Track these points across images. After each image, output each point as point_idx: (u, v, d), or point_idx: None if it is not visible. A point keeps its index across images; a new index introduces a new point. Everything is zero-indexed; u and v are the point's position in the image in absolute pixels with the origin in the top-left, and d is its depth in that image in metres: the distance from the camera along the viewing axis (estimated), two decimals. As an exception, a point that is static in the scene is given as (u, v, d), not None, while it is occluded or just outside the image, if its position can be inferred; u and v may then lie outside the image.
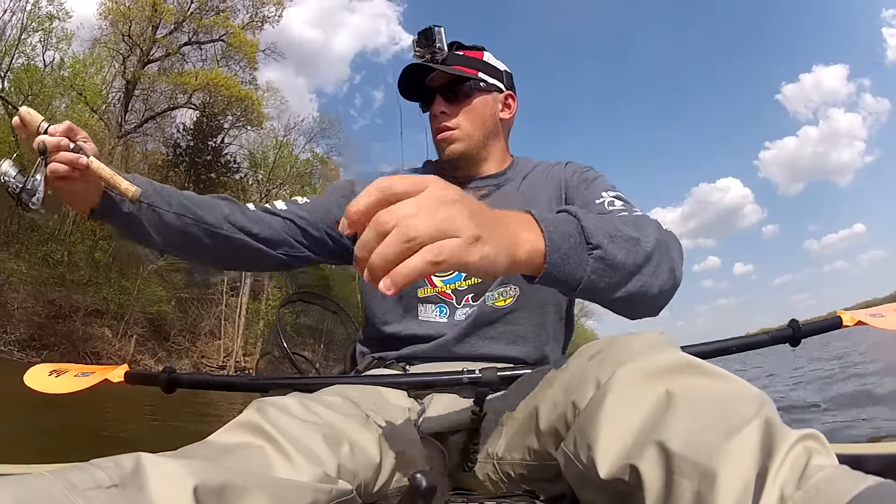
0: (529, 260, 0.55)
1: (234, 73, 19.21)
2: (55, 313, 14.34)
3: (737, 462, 0.38)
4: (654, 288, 0.69)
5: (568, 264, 0.59)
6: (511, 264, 0.53)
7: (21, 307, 13.87)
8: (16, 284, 14.03)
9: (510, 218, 0.55)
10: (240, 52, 19.02)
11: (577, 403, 0.56)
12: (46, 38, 17.28)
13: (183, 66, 19.17)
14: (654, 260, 0.68)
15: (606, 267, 0.62)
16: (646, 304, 0.72)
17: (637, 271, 0.66)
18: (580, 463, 0.51)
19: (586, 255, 0.60)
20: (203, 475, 0.42)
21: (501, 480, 0.71)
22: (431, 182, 0.46)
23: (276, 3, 19.25)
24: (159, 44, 18.70)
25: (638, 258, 0.66)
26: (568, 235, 0.59)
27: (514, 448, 0.68)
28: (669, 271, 0.71)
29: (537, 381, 0.69)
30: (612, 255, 0.62)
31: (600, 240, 0.61)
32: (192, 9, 18.71)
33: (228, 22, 19.02)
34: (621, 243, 0.64)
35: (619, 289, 0.66)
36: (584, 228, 0.60)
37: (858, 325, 1.00)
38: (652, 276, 0.68)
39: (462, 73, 1.00)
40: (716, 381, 0.49)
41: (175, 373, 0.94)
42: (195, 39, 19.10)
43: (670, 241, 0.74)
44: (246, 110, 19.37)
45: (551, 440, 0.61)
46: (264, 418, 0.55)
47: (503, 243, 0.51)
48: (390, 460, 0.65)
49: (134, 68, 18.25)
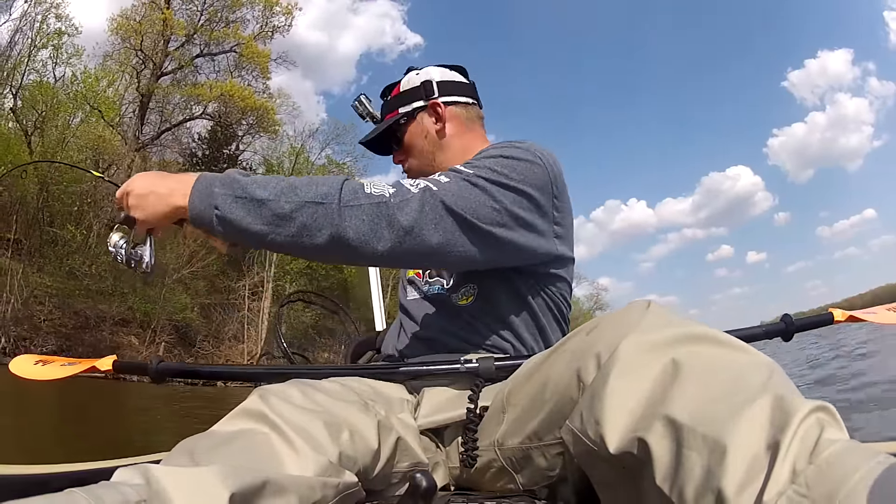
0: (181, 212, 0.75)
1: (248, 83, 19.50)
2: (82, 324, 14.41)
3: (747, 435, 0.38)
4: (296, 247, 0.74)
5: (202, 218, 0.74)
6: (170, 211, 0.76)
7: (48, 319, 13.94)
8: (41, 297, 14.12)
9: (178, 179, 0.77)
10: (252, 63, 19.29)
11: (582, 379, 0.56)
12: (56, 54, 17.51)
13: (196, 77, 19.44)
14: (297, 221, 0.72)
15: (227, 223, 0.73)
16: (307, 256, 0.79)
17: (263, 230, 0.73)
18: (588, 439, 0.50)
19: (212, 212, 0.73)
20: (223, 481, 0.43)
21: (503, 467, 0.70)
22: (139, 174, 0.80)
23: (286, 13, 19.57)
24: (171, 56, 18.96)
25: (262, 219, 0.72)
26: (205, 196, 0.73)
27: (516, 433, 0.68)
28: (330, 237, 0.73)
29: (536, 365, 0.68)
30: (228, 214, 0.72)
31: (219, 202, 0.72)
32: (202, 21, 19.00)
33: (239, 33, 19.32)
34: (244, 204, 0.72)
35: (248, 239, 0.74)
36: (213, 192, 0.73)
37: (850, 320, 0.99)
38: (288, 237, 0.73)
39: (387, 122, 1.07)
40: (723, 350, 0.49)
41: (163, 362, 0.93)
42: (207, 51, 19.36)
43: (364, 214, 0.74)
44: (261, 119, 19.64)
45: (554, 420, 0.61)
46: (267, 406, 0.57)
47: (158, 197, 0.76)
48: (389, 446, 0.67)
49: (148, 81, 18.49)
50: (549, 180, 0.87)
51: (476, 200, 0.79)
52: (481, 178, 0.81)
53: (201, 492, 0.41)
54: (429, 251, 0.77)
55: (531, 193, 0.84)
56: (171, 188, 0.75)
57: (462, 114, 1.05)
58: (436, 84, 1.05)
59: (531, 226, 0.85)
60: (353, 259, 0.78)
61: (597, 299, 30.25)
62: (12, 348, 12.56)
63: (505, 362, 0.80)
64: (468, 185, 0.80)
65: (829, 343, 10.32)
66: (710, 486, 0.38)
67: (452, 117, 1.04)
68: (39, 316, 13.89)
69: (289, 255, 0.80)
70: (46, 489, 0.40)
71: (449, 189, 0.78)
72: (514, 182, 0.82)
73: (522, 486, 0.69)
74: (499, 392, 0.74)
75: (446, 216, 0.77)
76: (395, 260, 0.78)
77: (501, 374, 0.78)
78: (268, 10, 19.41)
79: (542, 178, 0.86)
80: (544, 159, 0.87)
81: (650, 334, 0.51)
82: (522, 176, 0.83)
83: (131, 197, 0.77)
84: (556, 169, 0.89)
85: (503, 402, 0.72)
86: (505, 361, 0.80)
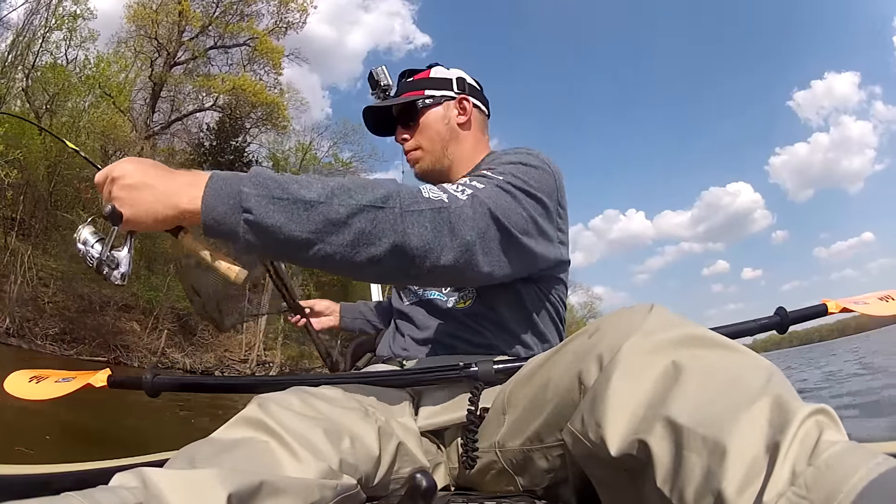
0: (189, 217, 0.63)
1: (260, 78, 19.72)
2: (86, 307, 14.64)
3: (747, 437, 0.38)
4: (350, 258, 0.65)
5: (225, 225, 0.61)
6: (171, 214, 0.63)
7: (52, 301, 14.17)
8: (46, 279, 14.33)
9: (183, 180, 0.63)
10: (265, 58, 19.50)
11: (583, 381, 0.56)
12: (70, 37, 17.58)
13: (209, 68, 19.64)
14: (354, 227, 0.63)
15: (260, 231, 0.61)
16: (359, 274, 0.67)
17: (311, 239, 0.63)
18: (588, 441, 0.51)
19: (239, 217, 0.61)
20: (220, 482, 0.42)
21: (504, 469, 0.70)
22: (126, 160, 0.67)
23: (301, 10, 19.77)
24: (186, 46, 19.13)
25: (311, 224, 0.62)
26: (228, 197, 0.61)
27: (516, 435, 0.68)
28: (392, 246, 0.65)
29: (536, 367, 0.69)
30: (264, 219, 0.61)
31: (253, 204, 0.61)
32: (217, 12, 19.17)
33: (254, 28, 19.51)
34: (288, 204, 0.62)
35: (286, 252, 0.64)
36: (241, 192, 0.61)
37: (843, 311, 0.99)
38: (343, 246, 0.64)
39: (407, 98, 1.07)
40: (724, 352, 0.49)
41: (159, 376, 0.91)
42: (221, 43, 19.55)
43: (427, 220, 0.67)
44: (271, 114, 19.85)
45: (555, 422, 0.61)
46: (266, 414, 0.57)
47: (156, 195, 0.63)
48: (390, 453, 0.66)
49: (160, 70, 18.65)
50: (555, 187, 0.89)
51: (510, 208, 0.78)
52: (511, 185, 0.81)
53: (198, 494, 0.41)
54: (479, 265, 0.73)
55: (545, 201, 0.85)
56: (173, 185, 0.64)
57: (480, 118, 1.13)
58: (468, 84, 1.12)
59: (545, 233, 0.86)
60: (407, 272, 0.69)
61: (591, 307, 30.68)
62: (17, 329, 12.78)
63: (504, 365, 0.79)
64: (502, 191, 0.79)
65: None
66: (710, 488, 0.38)
67: (474, 118, 1.10)
68: (44, 298, 14.10)
69: (330, 269, 0.68)
70: (47, 490, 0.40)
71: (490, 196, 0.76)
72: (534, 189, 0.83)
73: (522, 488, 0.70)
74: (499, 394, 0.75)
75: (492, 225, 0.74)
76: (455, 274, 0.72)
77: (501, 376, 0.78)
78: (283, 7, 19.61)
79: (551, 185, 0.88)
80: (551, 166, 0.91)
81: (652, 337, 0.52)
82: (539, 183, 0.85)
83: (118, 187, 0.65)
84: (561, 176, 0.93)
85: (503, 404, 0.72)
86: (504, 364, 0.80)
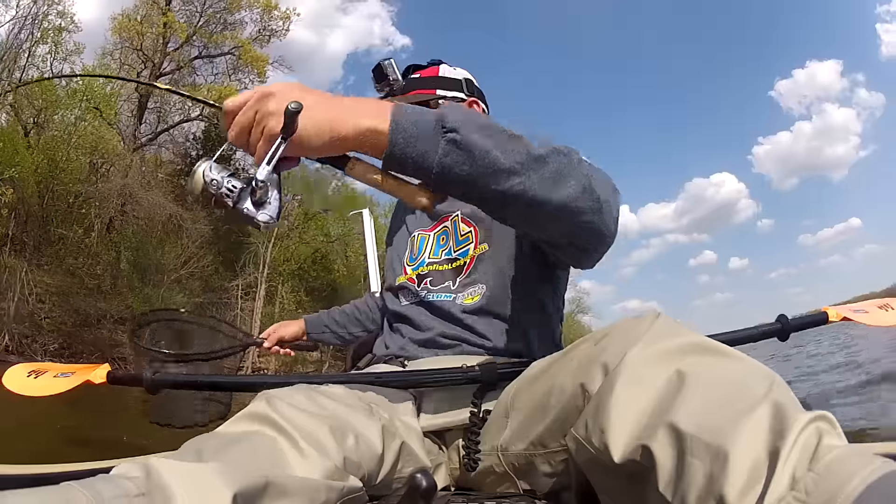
0: (370, 136, 0.58)
1: (244, 86, 19.83)
2: (82, 322, 14.96)
3: (748, 443, 0.39)
4: (544, 195, 0.61)
5: (415, 146, 0.57)
6: (351, 135, 0.58)
7: (48, 317, 14.49)
8: (42, 295, 14.63)
9: (361, 102, 0.60)
10: (250, 66, 19.65)
11: (588, 388, 0.56)
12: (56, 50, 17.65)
13: (194, 79, 19.78)
14: (550, 166, 0.61)
15: (463, 152, 0.57)
16: (532, 215, 0.64)
17: (515, 168, 0.59)
18: (592, 447, 0.51)
19: (440, 137, 0.57)
20: (226, 479, 0.42)
21: (506, 473, 0.71)
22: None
23: (284, 18, 19.87)
24: (171, 57, 19.25)
25: (517, 156, 0.59)
26: (420, 121, 0.58)
27: (520, 439, 0.68)
28: (582, 189, 0.63)
29: (541, 370, 0.69)
30: (473, 140, 0.57)
31: (459, 125, 0.57)
32: (201, 22, 19.26)
33: (238, 37, 19.62)
34: (493, 133, 0.59)
35: (485, 182, 0.59)
36: (442, 115, 0.58)
37: (844, 320, 0.99)
38: (541, 181, 0.60)
39: (419, 96, 1.02)
40: (726, 361, 0.50)
41: (159, 373, 0.90)
42: (206, 53, 19.68)
43: (593, 172, 0.67)
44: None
45: (558, 427, 0.61)
46: (274, 409, 0.56)
47: (334, 112, 0.58)
48: (393, 451, 0.66)
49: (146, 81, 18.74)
50: None
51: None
52: None
53: (204, 486, 0.40)
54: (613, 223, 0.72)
55: None
56: (348, 101, 0.60)
57: None
58: (476, 87, 1.11)
59: None
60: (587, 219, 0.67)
61: (579, 303, 31.16)
62: (17, 346, 13.13)
63: (507, 368, 0.80)
64: None
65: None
66: (712, 492, 0.39)
67: None
68: (40, 314, 14.42)
69: (517, 205, 0.62)
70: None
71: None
72: None
73: (524, 491, 0.70)
74: (502, 396, 0.75)
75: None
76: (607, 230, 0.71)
77: (504, 380, 0.78)
78: (266, 15, 19.71)
79: None
80: None
81: (656, 345, 0.52)
82: None
83: (279, 101, 0.58)
84: None
85: (507, 407, 0.72)
86: (507, 367, 0.80)
